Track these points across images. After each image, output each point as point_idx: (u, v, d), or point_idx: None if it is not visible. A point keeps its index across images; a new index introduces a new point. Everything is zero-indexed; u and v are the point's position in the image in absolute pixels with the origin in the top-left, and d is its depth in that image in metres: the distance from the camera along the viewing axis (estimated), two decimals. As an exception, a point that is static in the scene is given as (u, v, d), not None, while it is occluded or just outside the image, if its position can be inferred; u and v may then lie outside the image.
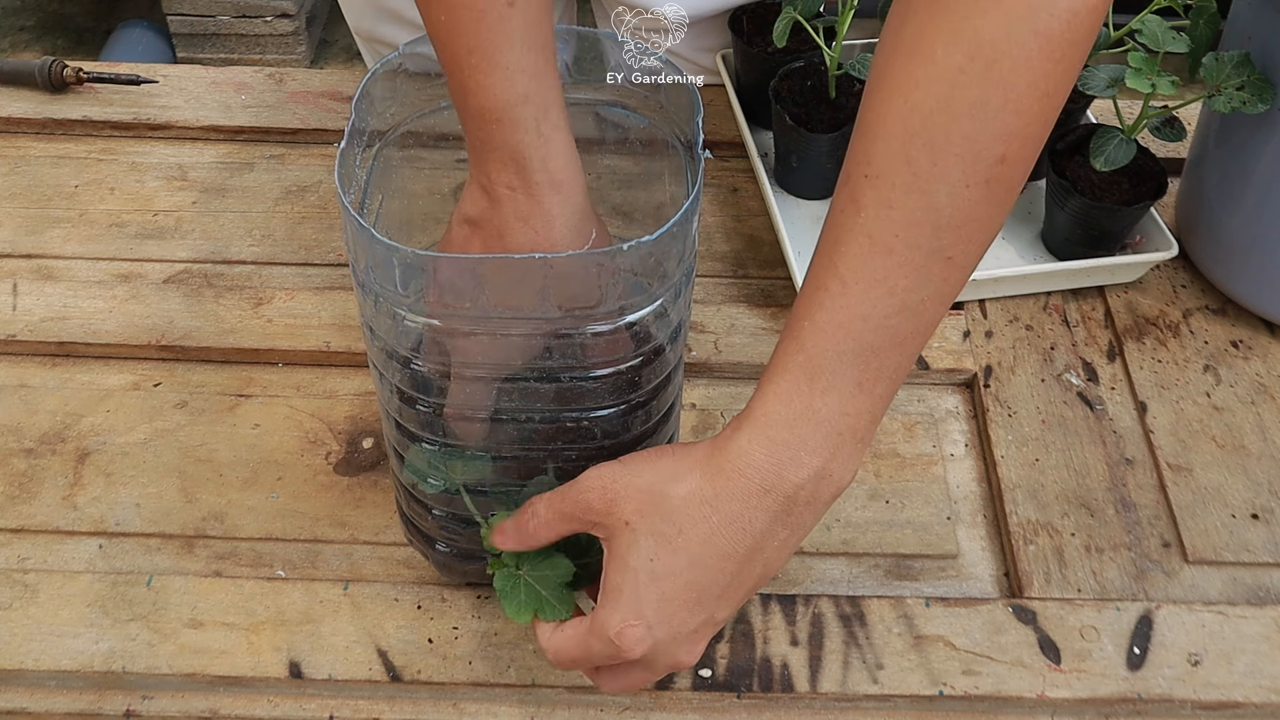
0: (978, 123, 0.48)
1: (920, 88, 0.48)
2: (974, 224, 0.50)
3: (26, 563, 0.69)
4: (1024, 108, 0.48)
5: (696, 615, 0.53)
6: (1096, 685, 0.63)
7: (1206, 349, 0.81)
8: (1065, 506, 0.72)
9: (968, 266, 0.51)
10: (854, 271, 0.50)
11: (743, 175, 0.93)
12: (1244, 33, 0.76)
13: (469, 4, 0.54)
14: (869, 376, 0.51)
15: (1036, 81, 0.47)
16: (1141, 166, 0.82)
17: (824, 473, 0.52)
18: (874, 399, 0.52)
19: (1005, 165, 0.49)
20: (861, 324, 0.50)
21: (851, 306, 0.50)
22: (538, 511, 0.55)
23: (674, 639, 0.53)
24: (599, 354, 0.56)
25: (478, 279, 0.52)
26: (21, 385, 0.78)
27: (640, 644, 0.52)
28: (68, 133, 0.97)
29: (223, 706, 0.63)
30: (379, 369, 0.58)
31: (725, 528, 0.51)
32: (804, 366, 0.51)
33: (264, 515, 0.71)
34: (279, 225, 0.89)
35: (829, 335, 0.51)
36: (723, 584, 0.52)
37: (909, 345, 0.52)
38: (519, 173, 0.57)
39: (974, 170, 0.48)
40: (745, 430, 0.52)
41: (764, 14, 0.94)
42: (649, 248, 0.51)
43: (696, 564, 0.52)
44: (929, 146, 0.48)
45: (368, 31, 1.04)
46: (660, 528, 0.52)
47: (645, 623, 0.52)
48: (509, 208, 0.58)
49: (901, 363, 0.52)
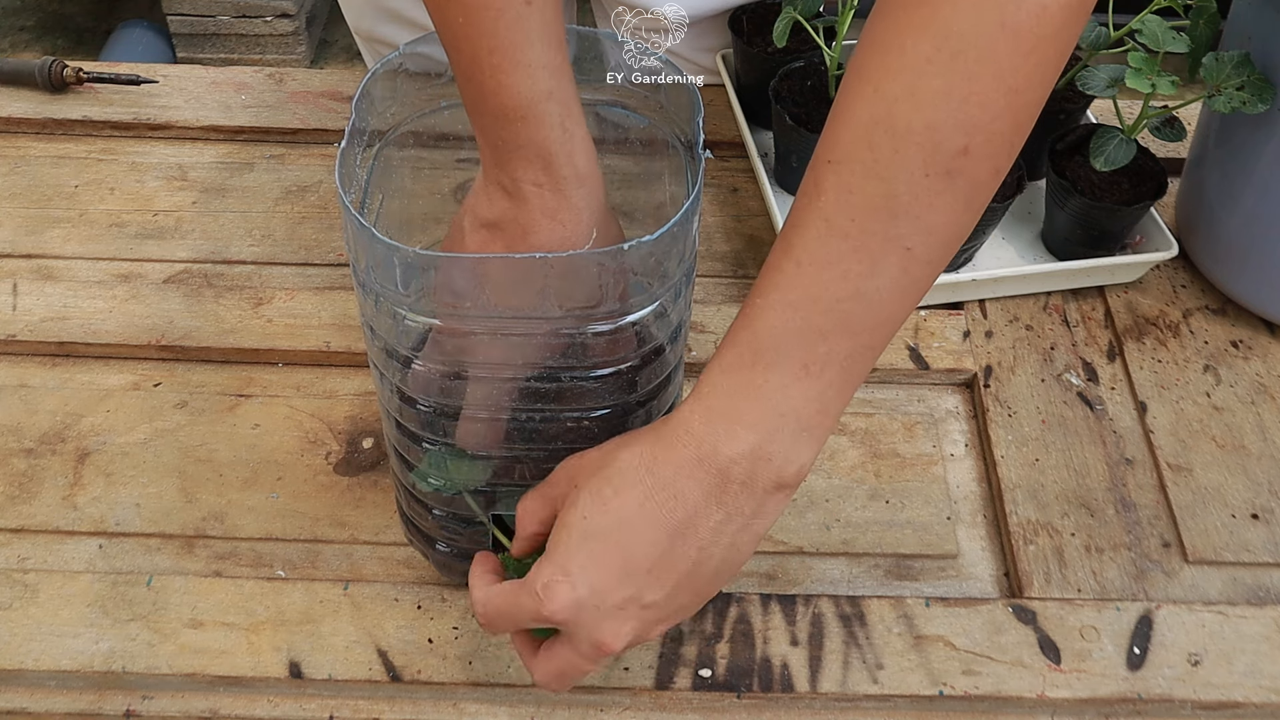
0: (940, 112, 0.47)
1: (888, 76, 0.48)
2: (935, 216, 0.49)
3: (26, 563, 0.69)
4: (988, 100, 0.47)
5: (623, 586, 0.52)
6: (1096, 685, 0.63)
7: (1206, 349, 0.81)
8: (1065, 506, 0.72)
9: (929, 261, 0.50)
10: (809, 253, 0.50)
11: (743, 175, 0.93)
12: (1244, 33, 0.76)
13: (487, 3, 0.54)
14: (816, 360, 0.50)
15: (1003, 75, 0.47)
16: (1141, 166, 0.82)
17: (760, 453, 0.51)
18: (822, 385, 0.51)
19: (968, 159, 0.48)
20: (811, 305, 0.50)
21: (803, 287, 0.50)
22: (525, 505, 0.56)
23: (598, 608, 0.51)
24: (600, 353, 0.56)
25: (479, 278, 0.52)
26: (21, 385, 0.78)
27: (562, 601, 0.51)
28: (68, 133, 0.97)
29: (223, 706, 0.63)
30: (379, 369, 0.58)
31: (657, 493, 0.51)
32: (750, 341, 0.51)
33: (264, 515, 0.71)
34: (279, 225, 0.89)
35: (778, 313, 0.50)
36: (653, 557, 0.51)
37: (863, 336, 0.51)
38: (546, 169, 0.57)
39: (935, 160, 0.48)
40: (690, 400, 0.52)
41: (764, 14, 0.94)
42: (649, 248, 0.51)
43: (626, 527, 0.51)
44: (891, 133, 0.48)
45: (367, 31, 1.04)
46: (599, 488, 0.52)
47: (571, 581, 0.51)
48: (536, 205, 0.57)
49: (854, 353, 0.51)
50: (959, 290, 0.83)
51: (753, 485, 0.51)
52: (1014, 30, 0.46)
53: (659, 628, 0.54)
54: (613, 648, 0.52)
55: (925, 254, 0.50)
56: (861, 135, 0.49)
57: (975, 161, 0.49)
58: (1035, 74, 0.48)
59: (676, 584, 0.52)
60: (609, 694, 0.63)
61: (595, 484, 0.52)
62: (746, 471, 0.51)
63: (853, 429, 0.76)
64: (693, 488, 0.51)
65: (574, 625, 0.52)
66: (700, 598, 0.54)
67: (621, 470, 0.52)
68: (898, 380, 0.79)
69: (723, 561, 0.53)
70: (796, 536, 0.71)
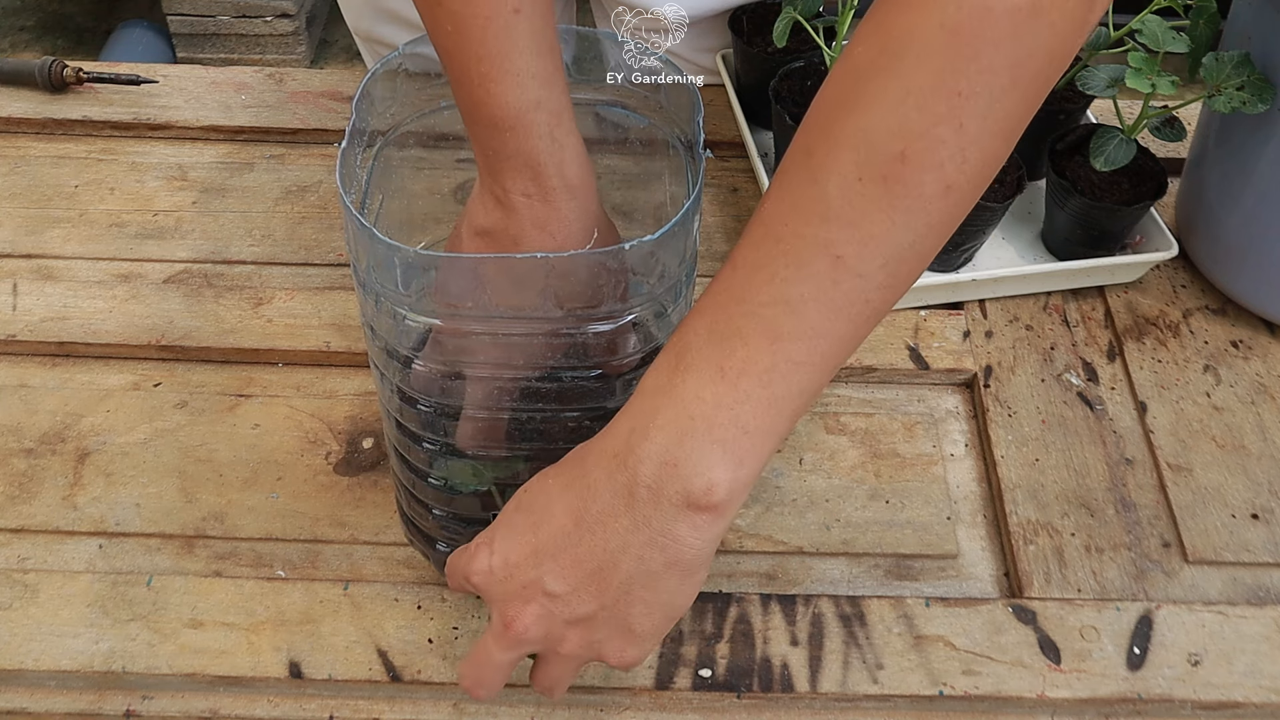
0: (874, 115, 0.45)
1: (833, 83, 0.48)
2: (870, 224, 0.46)
3: (26, 563, 0.69)
4: (926, 104, 0.45)
5: (529, 566, 0.51)
6: (1096, 685, 0.63)
7: (1206, 349, 0.81)
8: (1065, 506, 0.72)
9: (865, 276, 0.47)
10: (743, 257, 0.49)
11: (743, 175, 0.93)
12: (1244, 33, 0.76)
13: (475, 13, 0.54)
14: (733, 365, 0.48)
15: (944, 78, 0.44)
16: (1141, 166, 0.82)
17: (667, 457, 0.48)
18: (737, 394, 0.47)
19: (906, 165, 0.45)
20: (735, 307, 0.48)
21: (731, 289, 0.48)
22: None
23: (504, 581, 0.51)
24: (601, 353, 0.56)
25: (480, 279, 0.52)
26: (21, 385, 0.78)
27: (478, 565, 0.52)
28: (68, 133, 0.97)
29: (223, 706, 0.63)
30: (380, 369, 0.58)
31: (577, 481, 0.51)
32: (676, 343, 0.50)
33: (264, 515, 0.71)
34: (279, 225, 0.89)
35: (703, 314, 0.49)
36: (558, 544, 0.50)
37: (785, 347, 0.47)
38: (535, 179, 0.56)
39: (868, 164, 0.45)
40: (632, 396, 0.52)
41: (764, 14, 0.94)
42: (650, 247, 0.51)
43: (545, 509, 0.51)
44: (826, 136, 0.47)
45: (366, 32, 1.04)
46: (545, 472, 0.53)
47: (490, 548, 0.52)
48: (526, 216, 0.57)
49: (776, 366, 0.48)
50: (959, 290, 0.83)
51: (659, 494, 0.49)
52: (954, 31, 0.44)
53: (570, 633, 0.52)
54: (518, 627, 0.51)
55: (859, 266, 0.47)
56: (801, 141, 0.48)
57: (915, 169, 0.45)
58: (981, 81, 0.44)
59: (580, 582, 0.51)
60: (609, 694, 0.63)
61: (546, 469, 0.53)
62: (653, 475, 0.48)
63: (853, 429, 0.76)
64: (605, 483, 0.50)
65: (487, 597, 0.53)
66: (617, 623, 0.52)
67: (567, 459, 0.53)
68: (898, 380, 0.79)
69: (630, 577, 0.50)
70: (796, 536, 0.71)
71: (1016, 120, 0.47)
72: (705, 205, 0.90)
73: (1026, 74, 0.46)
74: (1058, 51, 0.46)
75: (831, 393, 0.79)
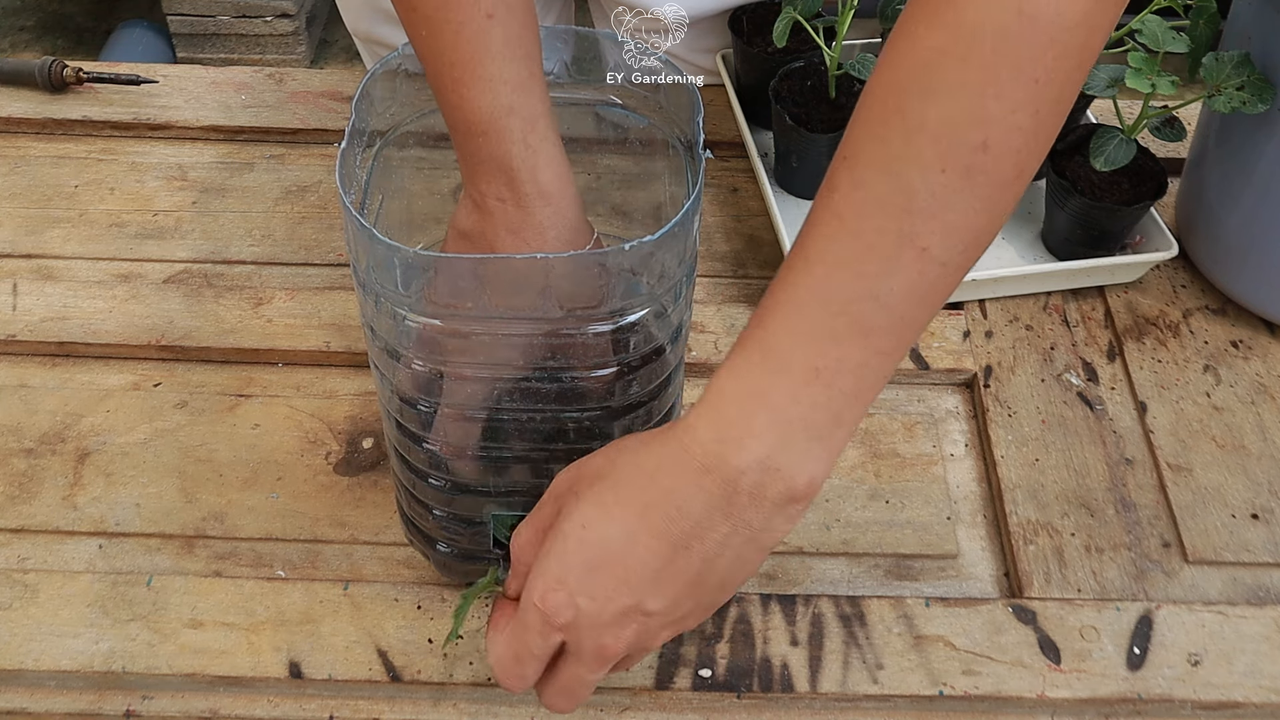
0: (956, 105, 0.45)
1: (900, 68, 0.47)
2: (952, 215, 0.47)
3: (26, 563, 0.69)
4: (1006, 93, 0.45)
5: (623, 595, 0.50)
6: (1096, 685, 0.63)
7: (1206, 349, 0.81)
8: (1065, 506, 0.72)
9: (948, 263, 0.47)
10: (820, 252, 0.48)
11: (743, 175, 0.93)
12: (1244, 33, 0.76)
13: (448, 18, 0.54)
14: (828, 366, 0.48)
15: (1022, 66, 0.45)
16: (1141, 166, 0.82)
17: (769, 464, 0.48)
18: (833, 394, 0.48)
19: (988, 154, 0.46)
20: (822, 307, 0.47)
21: (814, 287, 0.48)
22: (519, 540, 0.54)
23: (599, 615, 0.50)
24: (583, 355, 0.56)
25: (478, 280, 0.52)
26: (21, 385, 0.78)
27: (564, 610, 0.49)
28: (68, 133, 0.97)
29: (223, 706, 0.63)
30: (380, 369, 0.58)
31: (661, 503, 0.49)
32: (759, 343, 0.49)
33: (264, 515, 0.71)
34: (279, 225, 0.89)
35: (787, 314, 0.48)
36: (654, 568, 0.49)
37: (877, 339, 0.48)
38: (509, 185, 0.57)
39: (951, 155, 0.46)
40: (698, 406, 0.50)
41: (764, 14, 0.94)
42: (650, 248, 0.51)
43: (628, 538, 0.49)
44: (903, 126, 0.46)
45: (365, 32, 1.04)
46: (600, 495, 0.50)
47: (568, 589, 0.49)
48: (500, 220, 0.57)
49: (868, 360, 0.48)
50: (959, 290, 0.83)
51: (761, 497, 0.49)
52: (1033, 18, 0.44)
53: (663, 634, 0.52)
54: (615, 650, 0.51)
55: (942, 254, 0.47)
56: (874, 129, 0.47)
57: (997, 158, 0.46)
58: (1057, 66, 0.45)
59: (679, 593, 0.50)
60: (609, 694, 0.63)
61: (596, 491, 0.50)
62: (755, 483, 0.48)
63: (853, 429, 0.76)
64: (698, 498, 0.49)
65: (576, 634, 0.51)
66: (706, 608, 0.52)
67: (625, 478, 0.50)
68: (898, 380, 0.79)
69: (729, 573, 0.51)
70: (796, 536, 0.71)
71: (1072, 101, 0.48)
72: (705, 205, 0.90)
73: (1090, 56, 0.47)
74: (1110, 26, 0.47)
75: (831, 393, 0.79)
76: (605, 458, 0.52)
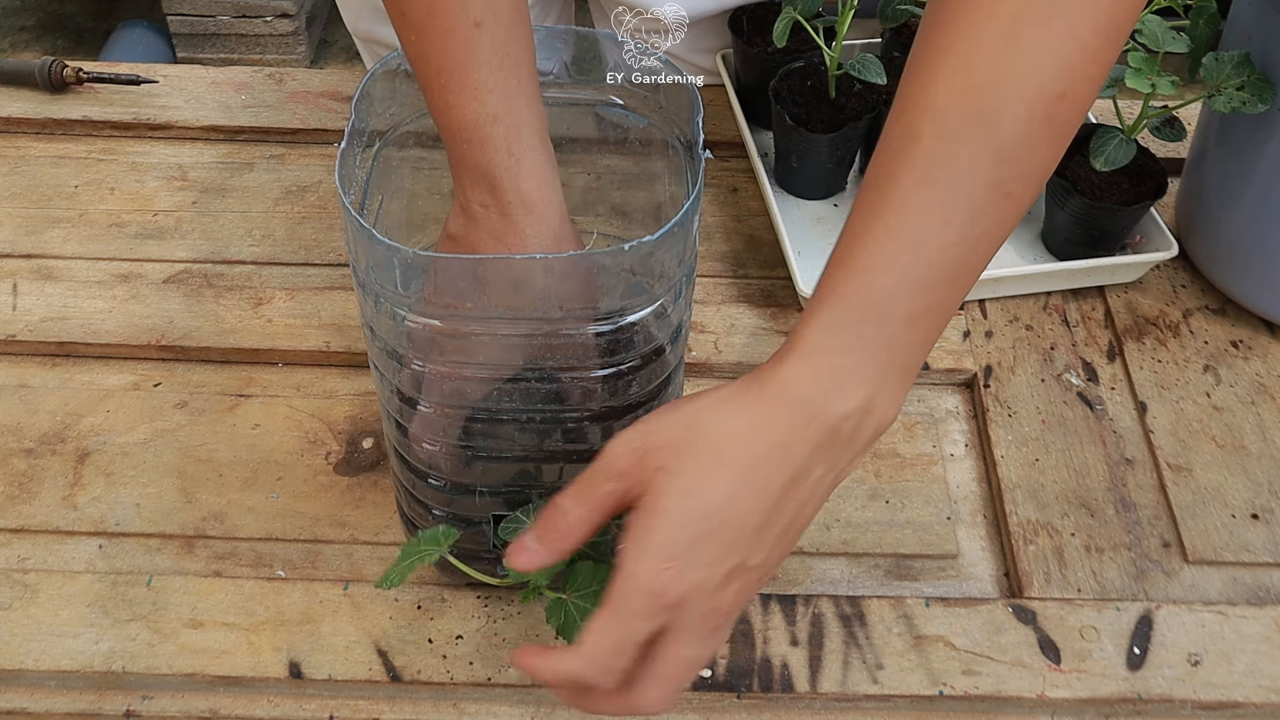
0: (1042, 57, 0.49)
1: (983, 26, 0.49)
2: (1033, 161, 0.50)
3: (26, 563, 0.69)
4: (1085, 44, 0.49)
5: (730, 557, 0.49)
6: (1096, 685, 0.63)
7: (1206, 349, 0.81)
8: (1065, 506, 0.72)
9: (1023, 205, 0.51)
10: (910, 202, 0.50)
11: (743, 175, 0.93)
12: (1244, 33, 0.76)
13: (435, 25, 0.55)
14: (920, 310, 0.50)
15: (1098, 19, 0.49)
16: (1141, 166, 0.82)
17: (869, 406, 0.51)
18: (923, 334, 0.51)
19: (1065, 103, 0.49)
20: (915, 256, 0.50)
21: (907, 237, 0.50)
22: (568, 509, 0.51)
23: (707, 583, 0.49)
24: (580, 355, 0.55)
25: (476, 280, 0.52)
26: (21, 385, 0.78)
27: (675, 586, 0.48)
28: (68, 133, 0.97)
29: (223, 706, 0.63)
30: (379, 369, 0.58)
31: (766, 458, 0.49)
32: (856, 295, 0.50)
33: (264, 515, 0.71)
34: (279, 225, 0.89)
35: (883, 266, 0.50)
36: (755, 524, 0.50)
37: (961, 280, 0.51)
38: (491, 192, 0.57)
39: (1037, 104, 0.49)
40: (791, 360, 0.51)
41: (764, 14, 0.94)
42: (649, 248, 0.51)
43: (735, 497, 0.49)
44: (992, 80, 0.49)
45: (365, 32, 1.04)
46: (697, 464, 0.49)
47: (678, 566, 0.48)
48: (484, 226, 0.58)
49: (953, 299, 0.51)
50: (959, 290, 0.83)
51: (857, 438, 0.51)
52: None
53: (757, 589, 0.52)
54: (722, 616, 0.50)
55: (1021, 198, 0.51)
56: (961, 82, 0.49)
57: (1071, 105, 0.50)
58: (1124, 15, 0.49)
59: (775, 542, 0.51)
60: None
61: (690, 462, 0.49)
62: (854, 426, 0.51)
63: (853, 429, 0.76)
64: (802, 447, 0.50)
65: (683, 609, 0.49)
66: (786, 553, 0.53)
67: (721, 442, 0.50)
68: (898, 380, 0.79)
69: (812, 514, 0.53)
70: (796, 536, 0.71)
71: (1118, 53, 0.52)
72: (705, 205, 0.90)
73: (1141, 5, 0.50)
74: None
75: (831, 393, 0.79)
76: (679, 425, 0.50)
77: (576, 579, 0.55)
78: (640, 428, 0.51)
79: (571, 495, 0.51)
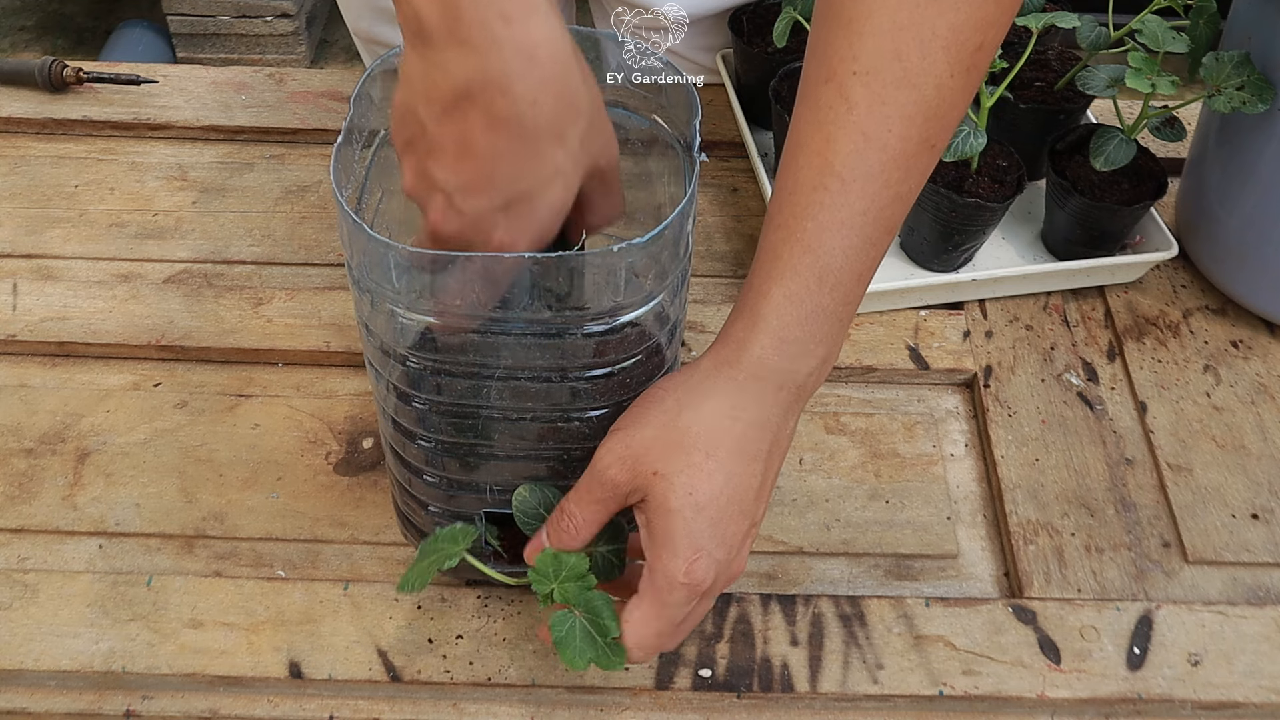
0: (962, 13, 0.50)
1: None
2: (955, 112, 0.53)
3: (26, 563, 0.69)
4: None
5: (743, 524, 0.54)
6: (1096, 685, 0.63)
7: (1206, 349, 0.81)
8: (1065, 506, 0.71)
9: (939, 151, 0.55)
10: (851, 169, 0.52)
11: (743, 175, 0.93)
12: (1244, 33, 0.76)
13: None
14: (866, 267, 0.54)
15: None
16: (1141, 166, 0.82)
17: (828, 358, 0.55)
18: (866, 283, 0.55)
19: (982, 53, 0.52)
20: (862, 219, 0.53)
21: (853, 204, 0.52)
22: (573, 513, 0.55)
23: (730, 554, 0.54)
24: (575, 354, 0.55)
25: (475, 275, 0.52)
26: (21, 385, 0.78)
27: (708, 572, 0.53)
28: (68, 133, 0.97)
29: (223, 706, 0.63)
30: (376, 367, 0.58)
31: (749, 431, 0.53)
32: (813, 267, 0.53)
33: (264, 515, 0.71)
34: (279, 225, 0.89)
35: (835, 234, 0.53)
36: (755, 486, 0.54)
37: (896, 228, 0.55)
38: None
39: (958, 60, 0.51)
40: (757, 337, 0.54)
41: (764, 14, 0.94)
42: (643, 248, 0.51)
43: (733, 477, 0.53)
44: (919, 40, 0.51)
45: (365, 32, 1.04)
46: (689, 460, 0.52)
47: (705, 552, 0.52)
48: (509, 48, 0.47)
49: (887, 246, 0.55)
50: (959, 290, 0.83)
51: (816, 386, 0.56)
52: None
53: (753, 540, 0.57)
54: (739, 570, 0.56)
55: (942, 147, 0.54)
56: (888, 45, 0.51)
57: (986, 54, 0.52)
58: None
59: (769, 490, 0.56)
60: (609, 694, 0.63)
61: (681, 460, 0.52)
62: (816, 379, 0.56)
63: (853, 429, 0.76)
64: (775, 411, 0.54)
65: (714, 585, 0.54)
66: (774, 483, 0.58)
67: (705, 432, 0.53)
68: (898, 380, 0.79)
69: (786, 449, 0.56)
70: (796, 536, 0.71)
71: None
72: (705, 205, 0.90)
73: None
74: None
75: (831, 393, 0.79)
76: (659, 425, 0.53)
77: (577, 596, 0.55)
78: (622, 436, 0.54)
79: (574, 500, 0.55)
